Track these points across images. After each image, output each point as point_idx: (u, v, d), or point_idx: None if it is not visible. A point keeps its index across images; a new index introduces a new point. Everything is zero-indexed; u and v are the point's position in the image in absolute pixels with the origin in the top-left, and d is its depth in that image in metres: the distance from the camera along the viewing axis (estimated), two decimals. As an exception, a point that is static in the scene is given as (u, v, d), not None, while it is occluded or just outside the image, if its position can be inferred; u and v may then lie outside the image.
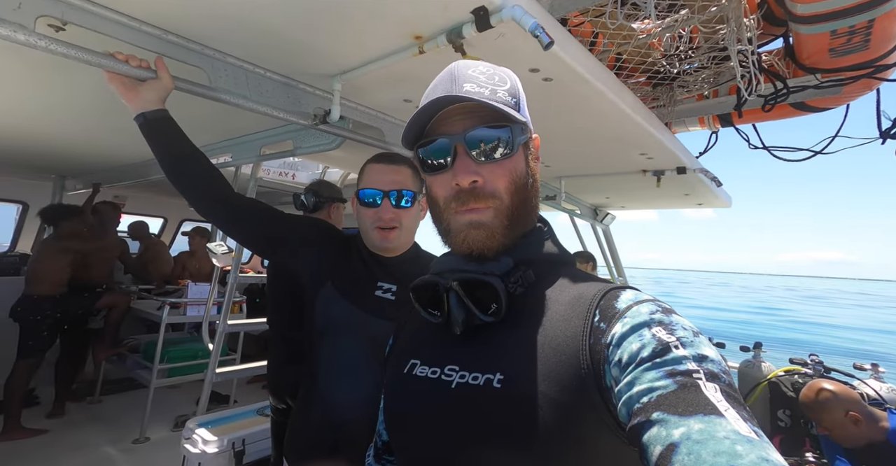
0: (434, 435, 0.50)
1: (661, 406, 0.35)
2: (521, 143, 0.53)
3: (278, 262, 1.12)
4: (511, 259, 0.52)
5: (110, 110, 1.65)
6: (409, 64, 1.02)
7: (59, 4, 0.76)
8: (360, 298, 0.94)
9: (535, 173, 0.56)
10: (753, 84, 1.10)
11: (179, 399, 3.61)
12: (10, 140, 2.22)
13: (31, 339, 2.79)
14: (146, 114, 0.91)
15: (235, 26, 0.93)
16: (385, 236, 0.94)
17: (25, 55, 1.14)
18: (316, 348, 0.95)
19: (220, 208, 0.98)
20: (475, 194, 0.51)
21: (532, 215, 0.56)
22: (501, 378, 0.47)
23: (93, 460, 2.59)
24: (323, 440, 0.90)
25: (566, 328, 0.46)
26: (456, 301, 0.51)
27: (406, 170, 0.97)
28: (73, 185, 3.68)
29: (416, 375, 0.54)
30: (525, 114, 0.54)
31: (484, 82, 0.52)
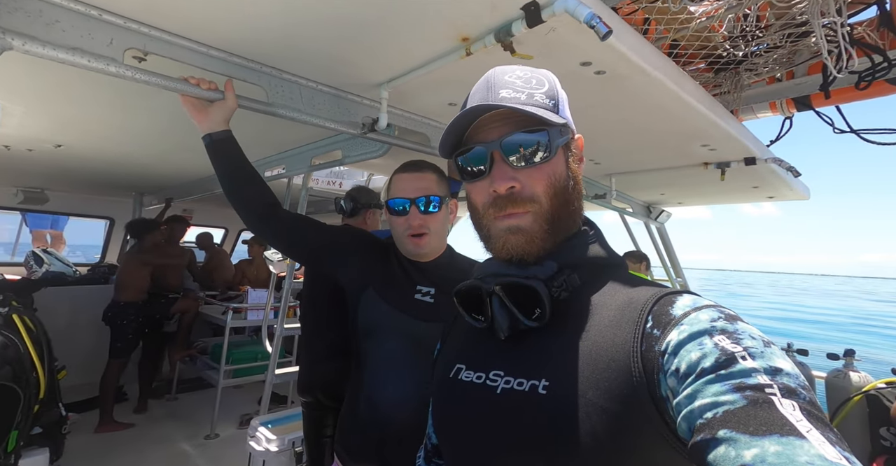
0: (480, 440, 0.50)
1: (728, 423, 0.32)
2: (561, 145, 0.52)
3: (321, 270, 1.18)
4: (555, 263, 0.51)
5: (182, 131, 1.80)
6: (453, 66, 1.02)
7: (142, 37, 0.84)
8: (401, 301, 0.98)
9: (576, 175, 0.55)
10: (844, 59, 0.97)
11: (242, 398, 3.83)
12: (102, 162, 2.50)
13: (120, 341, 3.11)
14: (213, 134, 0.99)
15: (290, 44, 0.98)
16: (417, 243, 0.97)
17: (114, 85, 1.27)
18: (360, 350, 1.00)
19: (267, 223, 1.05)
20: (513, 199, 0.51)
21: (575, 218, 0.54)
22: (547, 384, 0.46)
23: (173, 453, 2.82)
24: (371, 437, 0.94)
25: (615, 334, 0.45)
26: (499, 305, 0.51)
27: (431, 175, 1.00)
28: (150, 201, 4.07)
29: (461, 379, 0.55)
30: (565, 115, 0.54)
31: (521, 87, 0.52)
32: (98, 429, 2.95)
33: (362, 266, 1.04)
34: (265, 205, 1.05)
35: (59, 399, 1.95)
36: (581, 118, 1.44)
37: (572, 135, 0.55)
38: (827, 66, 0.99)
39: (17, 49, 0.67)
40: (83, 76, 1.20)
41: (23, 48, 0.68)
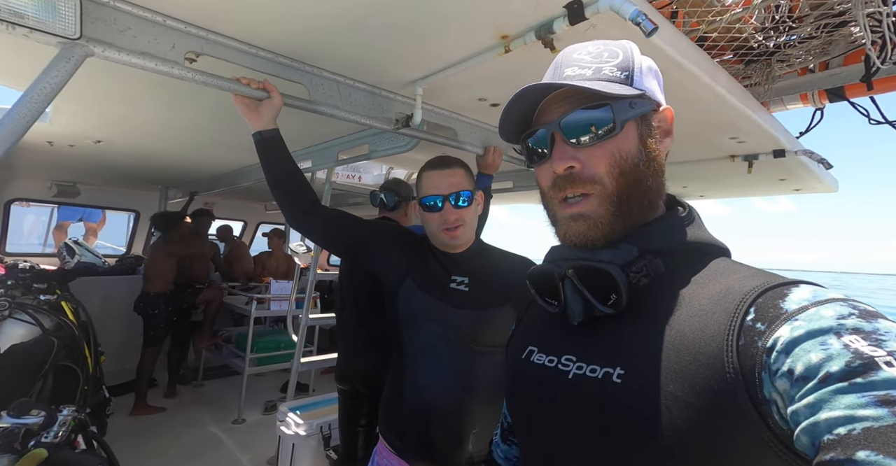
0: (549, 424, 0.49)
1: (871, 444, 0.28)
2: (630, 119, 0.48)
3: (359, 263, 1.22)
4: (635, 247, 0.48)
5: (218, 127, 1.86)
6: (488, 63, 1.04)
7: (199, 41, 0.89)
8: (437, 290, 1.03)
9: (653, 151, 0.50)
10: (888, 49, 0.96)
11: (265, 385, 3.96)
12: (135, 157, 2.59)
13: (153, 330, 3.25)
14: (263, 132, 1.05)
15: (332, 44, 1.02)
16: (452, 235, 1.01)
17: (161, 84, 1.33)
18: (401, 338, 1.04)
19: (309, 218, 1.11)
20: (572, 180, 0.48)
21: (651, 198, 0.50)
22: (622, 373, 0.43)
23: (204, 436, 2.95)
24: (417, 420, 0.99)
25: (705, 324, 0.41)
26: (572, 290, 0.49)
27: (460, 171, 1.04)
28: (175, 194, 4.19)
29: (533, 362, 0.54)
30: (643, 85, 0.49)
31: (588, 62, 0.49)
32: (133, 412, 3.11)
33: (400, 258, 1.08)
34: (308, 201, 1.10)
35: (103, 382, 2.06)
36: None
37: (655, 107, 0.50)
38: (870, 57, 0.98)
39: (97, 55, 0.72)
40: (133, 76, 1.26)
41: (102, 55, 0.73)
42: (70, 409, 0.84)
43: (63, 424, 0.78)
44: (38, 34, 0.65)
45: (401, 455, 1.01)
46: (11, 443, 0.69)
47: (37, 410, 0.77)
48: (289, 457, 2.27)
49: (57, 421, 0.78)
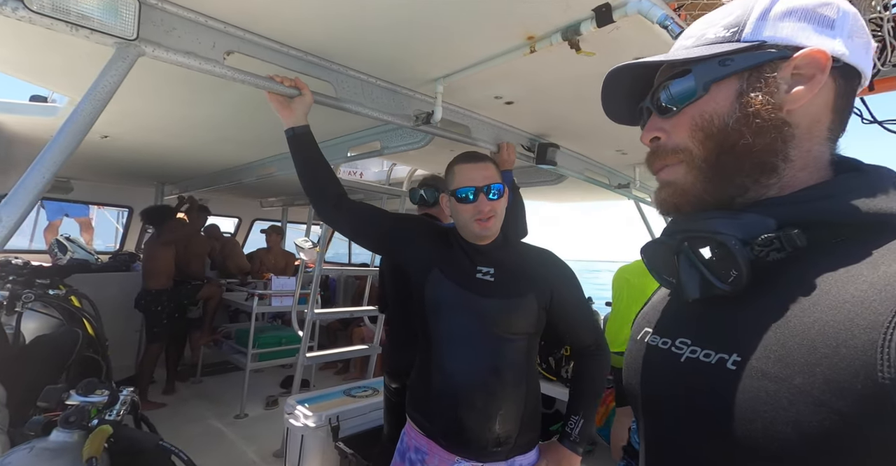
0: (659, 408, 0.47)
1: None
2: (724, 78, 0.44)
3: (388, 255, 1.25)
4: (771, 219, 0.41)
5: (224, 123, 1.86)
6: (510, 62, 1.09)
7: (237, 40, 0.92)
8: (464, 280, 1.06)
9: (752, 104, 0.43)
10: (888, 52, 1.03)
11: (265, 381, 3.97)
12: (138, 152, 2.57)
13: (156, 327, 3.24)
14: (296, 129, 1.08)
15: (360, 44, 1.05)
16: (485, 226, 1.04)
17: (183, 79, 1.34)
18: (430, 325, 1.08)
19: (340, 212, 1.14)
20: (656, 152, 0.48)
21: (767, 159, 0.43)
22: (738, 359, 0.39)
23: (208, 430, 2.96)
24: (446, 404, 1.03)
25: (858, 313, 0.34)
26: (687, 264, 0.44)
27: (491, 165, 1.07)
28: (171, 190, 4.14)
29: (647, 343, 0.51)
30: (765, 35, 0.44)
31: (698, 30, 0.48)
32: (134, 409, 3.10)
33: (426, 249, 1.12)
34: (338, 195, 1.14)
35: (111, 376, 2.07)
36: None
37: (788, 54, 0.43)
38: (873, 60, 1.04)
39: (148, 55, 0.74)
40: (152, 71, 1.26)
41: (153, 54, 0.75)
42: (129, 390, 0.87)
43: (124, 403, 0.82)
44: (99, 35, 0.67)
45: (429, 435, 1.06)
46: (82, 420, 0.72)
47: (100, 389, 0.80)
48: (297, 449, 2.30)
49: (119, 400, 0.82)
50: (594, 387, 1.13)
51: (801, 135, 0.43)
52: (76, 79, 1.35)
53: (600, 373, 1.14)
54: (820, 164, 0.44)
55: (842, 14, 0.44)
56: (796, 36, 0.44)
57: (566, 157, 1.99)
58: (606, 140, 1.89)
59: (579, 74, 1.20)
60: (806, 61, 0.43)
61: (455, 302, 1.05)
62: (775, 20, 0.45)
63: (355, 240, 1.22)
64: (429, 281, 1.08)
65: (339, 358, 3.10)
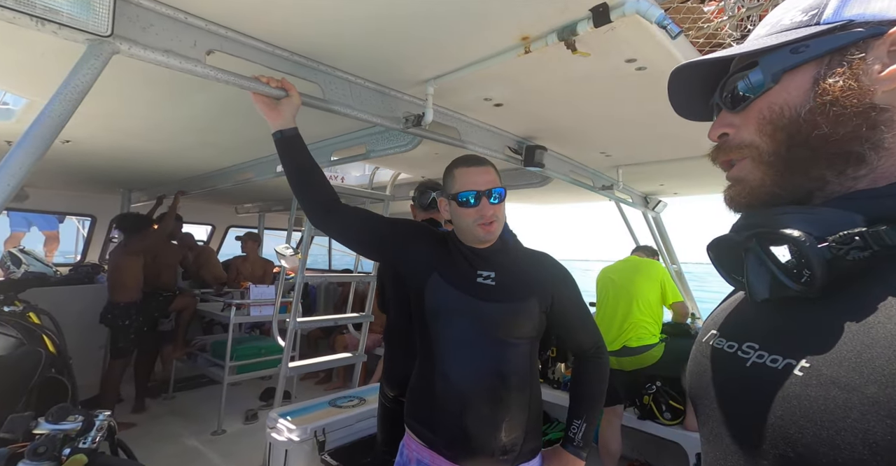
0: (719, 413, 0.45)
1: None
2: (798, 65, 0.42)
3: (384, 261, 1.21)
4: (859, 214, 0.38)
5: (201, 126, 1.77)
6: (502, 63, 1.07)
7: (219, 38, 0.87)
8: (465, 284, 1.04)
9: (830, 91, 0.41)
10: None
11: (242, 394, 3.81)
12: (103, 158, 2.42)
13: (122, 341, 3.04)
14: (284, 131, 1.03)
15: (348, 45, 1.01)
16: (487, 229, 1.03)
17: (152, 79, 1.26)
18: (431, 331, 1.05)
19: (332, 217, 1.09)
20: (722, 148, 0.47)
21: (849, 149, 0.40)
22: (807, 366, 0.36)
23: (183, 450, 2.80)
24: (450, 410, 1.00)
25: None
26: (756, 263, 0.42)
27: (492, 169, 1.06)
28: (138, 197, 3.94)
29: (713, 346, 0.49)
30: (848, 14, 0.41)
31: (776, 17, 0.46)
32: (100, 431, 2.90)
33: (425, 253, 1.09)
34: (330, 200, 1.09)
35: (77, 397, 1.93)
36: (609, 112, 1.52)
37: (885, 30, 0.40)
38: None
39: (123, 53, 0.68)
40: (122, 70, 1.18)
41: (128, 52, 0.69)
42: (105, 414, 0.80)
43: (100, 429, 0.75)
44: (69, 31, 0.61)
45: (432, 446, 1.02)
46: (52, 450, 0.65)
47: (73, 415, 0.72)
48: (281, 464, 2.21)
49: (94, 427, 0.75)
50: (596, 391, 1.11)
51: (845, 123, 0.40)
52: (36, 78, 1.25)
53: (601, 377, 1.12)
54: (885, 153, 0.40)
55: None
56: (891, 8, 0.40)
57: (552, 159, 2.00)
58: (591, 142, 1.91)
59: (569, 76, 1.21)
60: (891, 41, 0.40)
61: (456, 307, 1.03)
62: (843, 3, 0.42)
63: (349, 246, 1.18)
64: (429, 285, 1.06)
65: (323, 368, 3.00)
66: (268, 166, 2.38)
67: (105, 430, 0.77)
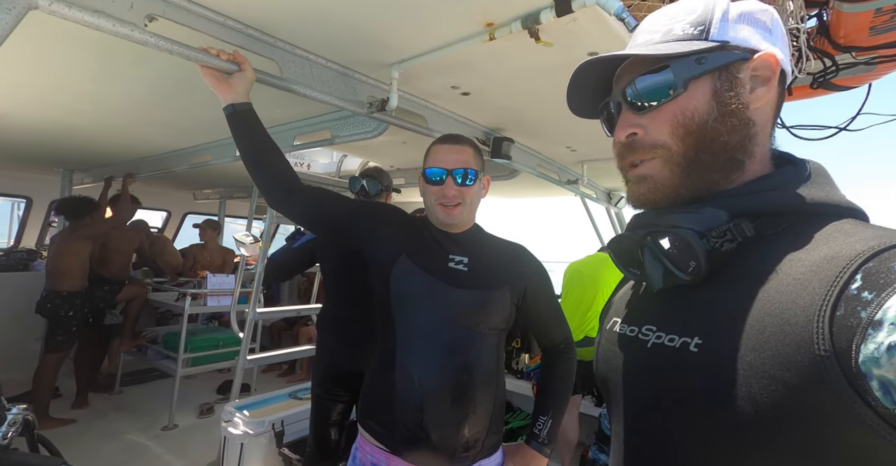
0: (630, 394, 0.50)
1: None
2: (700, 76, 0.46)
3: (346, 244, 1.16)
4: (723, 211, 0.45)
5: (147, 102, 1.64)
6: (467, 51, 1.06)
7: (160, 3, 0.79)
8: (434, 268, 0.99)
9: (728, 104, 0.45)
10: (803, 62, 1.14)
11: (197, 388, 3.66)
12: (38, 133, 2.20)
13: (61, 334, 2.81)
14: (235, 105, 0.96)
15: (306, 20, 0.96)
16: (449, 212, 0.98)
17: (88, 48, 1.15)
18: (394, 319, 0.99)
19: (293, 197, 1.03)
20: (632, 147, 0.48)
21: (735, 156, 0.46)
22: (700, 342, 0.42)
23: (127, 446, 2.65)
24: (410, 406, 0.94)
25: (798, 294, 0.37)
26: (651, 257, 0.47)
27: (469, 149, 1.01)
28: (81, 179, 3.63)
29: (616, 332, 0.54)
30: (728, 35, 0.46)
31: (661, 26, 0.48)
32: (35, 428, 2.69)
33: (393, 235, 1.03)
34: (290, 178, 1.03)
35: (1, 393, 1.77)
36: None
37: (749, 56, 0.46)
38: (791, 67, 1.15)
39: (42, 9, 0.61)
40: (51, 34, 1.07)
41: (49, 8, 0.61)
42: (20, 407, 0.73)
43: (14, 423, 0.68)
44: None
45: (387, 445, 0.97)
46: None
47: None
48: (236, 458, 2.15)
49: (6, 421, 0.68)
50: (563, 387, 1.09)
51: (759, 132, 0.47)
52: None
53: (569, 373, 1.11)
54: (766, 159, 0.49)
55: (775, 21, 0.49)
56: (751, 39, 0.47)
57: (520, 152, 2.01)
58: (557, 136, 1.94)
59: (535, 68, 1.21)
60: (763, 64, 0.46)
61: (424, 293, 0.97)
62: (733, 22, 0.47)
63: (311, 229, 1.12)
64: (395, 270, 0.99)
65: (283, 360, 2.92)
66: (227, 149, 2.26)
67: (19, 425, 0.70)
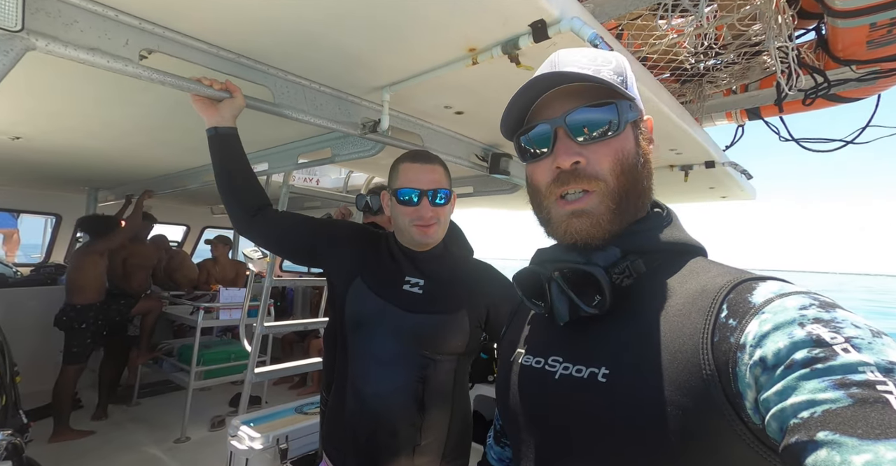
0: (537, 426, 0.50)
1: (829, 425, 0.29)
2: (630, 122, 0.49)
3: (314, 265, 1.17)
4: (618, 248, 0.48)
5: (156, 125, 1.73)
6: (457, 73, 1.08)
7: (156, 38, 0.84)
8: (388, 292, 0.97)
9: (646, 154, 0.51)
10: (794, 79, 1.12)
11: (212, 400, 3.72)
12: (61, 155, 2.33)
13: (77, 346, 2.91)
14: (219, 128, 0.99)
15: (298, 48, 1.00)
16: (425, 232, 0.97)
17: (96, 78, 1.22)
18: (348, 342, 0.98)
19: (256, 221, 1.05)
20: (576, 174, 0.48)
21: (644, 199, 0.51)
22: (607, 372, 0.44)
23: (142, 459, 2.71)
24: (360, 432, 0.92)
25: (683, 324, 0.42)
26: (558, 291, 0.49)
27: (440, 168, 1.01)
28: (105, 197, 3.81)
29: (521, 364, 0.54)
30: (634, 92, 0.51)
31: (586, 64, 0.49)
32: (53, 439, 2.77)
33: (352, 256, 1.03)
34: (259, 204, 1.05)
35: (19, 405, 1.84)
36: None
37: (642, 115, 0.52)
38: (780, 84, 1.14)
39: (40, 49, 0.66)
40: (66, 68, 1.15)
41: (46, 48, 0.67)
42: (5, 433, 0.75)
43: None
44: (-29, 24, 0.58)
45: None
46: None
47: None
48: (242, 474, 2.15)
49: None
50: None
51: (649, 180, 0.52)
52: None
53: None
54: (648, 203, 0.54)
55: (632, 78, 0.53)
56: (638, 98, 0.52)
57: (519, 167, 2.02)
58: (557, 151, 1.93)
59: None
60: (649, 125, 0.54)
61: (377, 318, 0.95)
62: (633, 83, 0.53)
63: (277, 252, 1.13)
64: (350, 292, 0.99)
65: (290, 373, 2.94)
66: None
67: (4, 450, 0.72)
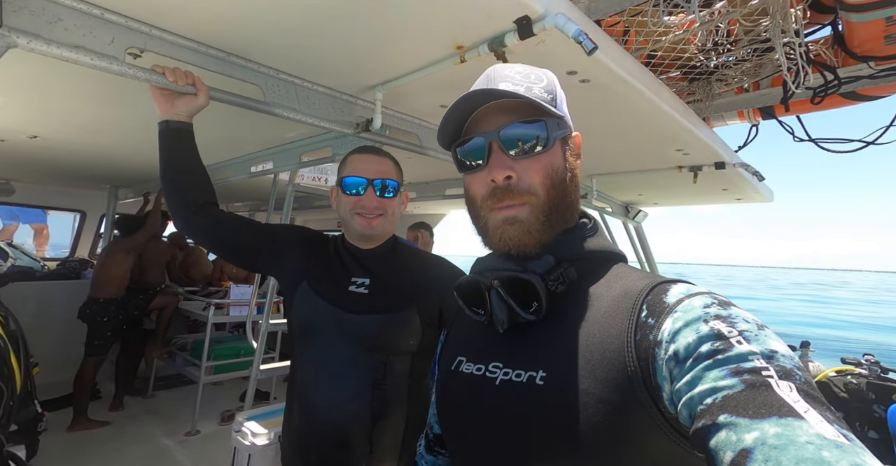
0: (480, 431, 0.51)
1: (727, 408, 0.33)
2: (559, 138, 0.53)
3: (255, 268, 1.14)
4: (552, 256, 0.52)
5: (141, 127, 1.76)
6: (447, 71, 1.06)
7: (142, 36, 0.85)
8: (334, 295, 0.93)
9: (574, 169, 0.55)
10: (801, 76, 1.06)
11: (223, 394, 3.80)
12: (79, 154, 2.42)
13: (98, 339, 3.03)
14: (170, 122, 0.94)
15: (288, 46, 1.00)
16: (368, 222, 0.94)
17: (102, 77, 1.26)
18: (295, 349, 0.95)
19: (196, 218, 0.99)
20: (510, 190, 0.51)
21: (572, 211, 0.55)
22: (544, 375, 0.46)
23: (153, 450, 2.78)
24: (308, 443, 0.89)
25: (610, 325, 0.45)
26: (497, 299, 0.52)
27: (390, 162, 0.99)
28: (125, 194, 3.95)
29: (462, 372, 0.55)
30: (563, 110, 0.54)
31: (520, 81, 0.52)
32: (72, 428, 2.88)
33: (299, 260, 1.00)
34: (202, 201, 0.99)
35: (34, 395, 1.91)
36: (566, 122, 1.51)
37: (570, 131, 0.55)
38: (786, 82, 1.08)
39: (21, 47, 0.68)
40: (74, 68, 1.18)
41: (28, 46, 0.68)
42: None
43: None
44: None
45: None
46: None
47: None
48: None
49: None
50: None
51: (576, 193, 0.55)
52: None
53: None
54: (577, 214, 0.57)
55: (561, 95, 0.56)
56: (567, 116, 0.55)
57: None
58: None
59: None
60: (577, 141, 0.57)
61: (321, 321, 0.92)
62: (562, 101, 0.56)
63: (221, 255, 1.07)
64: (296, 297, 0.96)
65: (296, 371, 2.98)
66: (241, 166, 2.39)
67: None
